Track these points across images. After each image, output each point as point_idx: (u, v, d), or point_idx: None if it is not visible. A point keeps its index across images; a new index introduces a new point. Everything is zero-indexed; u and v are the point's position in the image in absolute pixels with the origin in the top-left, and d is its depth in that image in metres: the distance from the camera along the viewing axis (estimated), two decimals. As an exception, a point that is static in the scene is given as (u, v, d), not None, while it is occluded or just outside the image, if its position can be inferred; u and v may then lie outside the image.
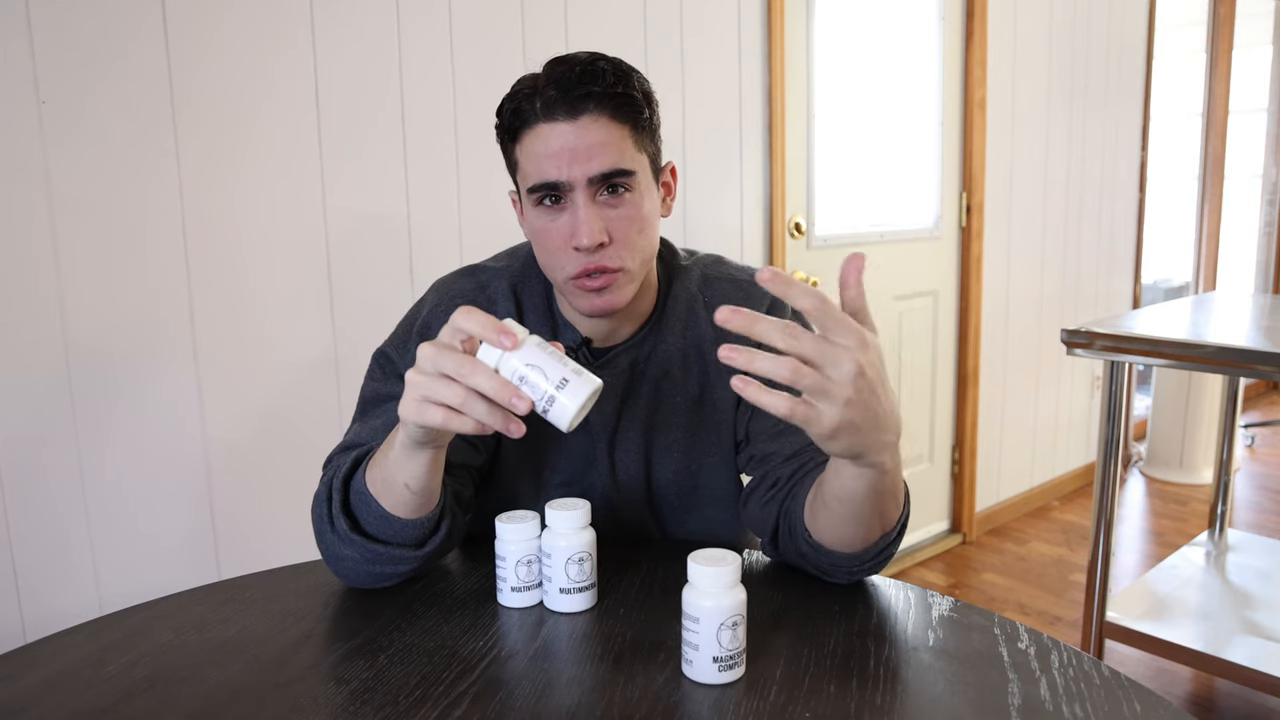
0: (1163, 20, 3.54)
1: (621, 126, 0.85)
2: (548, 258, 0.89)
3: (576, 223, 0.85)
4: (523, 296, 0.97)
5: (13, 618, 1.29)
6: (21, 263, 1.26)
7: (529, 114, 0.85)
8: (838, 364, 0.63)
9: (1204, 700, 2.08)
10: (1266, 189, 4.53)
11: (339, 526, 0.82)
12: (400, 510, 0.79)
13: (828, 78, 2.38)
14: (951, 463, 2.94)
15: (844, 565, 0.84)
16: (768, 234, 2.26)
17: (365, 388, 0.97)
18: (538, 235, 0.89)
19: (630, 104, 0.86)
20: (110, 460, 1.36)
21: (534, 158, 0.85)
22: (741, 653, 0.70)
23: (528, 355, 0.68)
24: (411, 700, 0.68)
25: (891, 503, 0.79)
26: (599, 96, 0.83)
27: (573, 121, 0.83)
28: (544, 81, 0.85)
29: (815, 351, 0.63)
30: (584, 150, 0.84)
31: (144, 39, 1.33)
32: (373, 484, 0.80)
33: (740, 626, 0.69)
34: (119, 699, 0.69)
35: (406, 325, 0.98)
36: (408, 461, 0.75)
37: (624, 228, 0.87)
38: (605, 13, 1.86)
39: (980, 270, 2.84)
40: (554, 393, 0.68)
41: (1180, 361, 1.76)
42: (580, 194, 0.85)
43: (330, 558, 0.85)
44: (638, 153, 0.87)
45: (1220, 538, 2.39)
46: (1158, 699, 0.68)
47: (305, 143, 1.49)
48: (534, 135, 0.85)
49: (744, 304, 0.97)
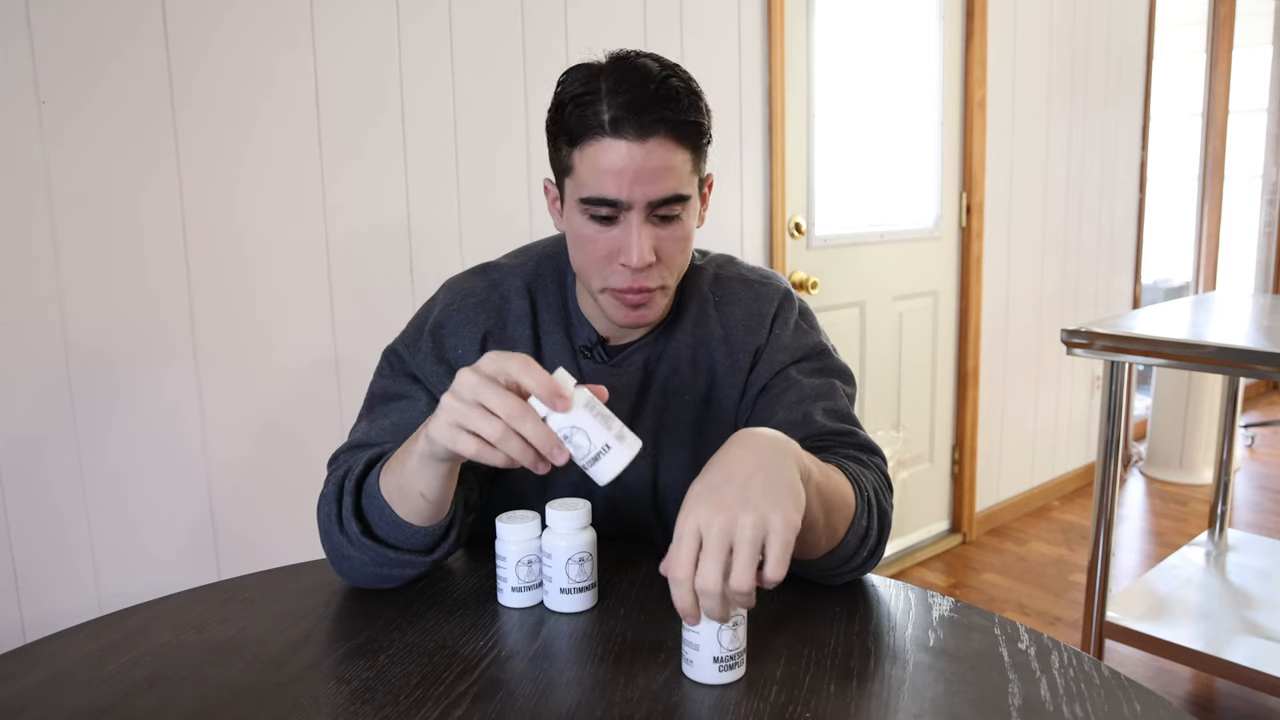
0: (1163, 20, 3.54)
1: (685, 151, 0.84)
2: (588, 264, 0.88)
3: (629, 242, 0.84)
4: (537, 295, 0.97)
5: (13, 618, 1.29)
6: (21, 262, 1.26)
7: (594, 125, 0.82)
8: (717, 531, 0.64)
9: (1204, 700, 2.08)
10: (1266, 189, 4.53)
11: (349, 530, 0.82)
12: (413, 518, 0.80)
13: (828, 78, 2.38)
14: (951, 463, 2.94)
15: (815, 569, 0.84)
16: (768, 234, 2.26)
17: (374, 384, 0.97)
18: (581, 241, 0.88)
19: (698, 131, 0.85)
20: (110, 460, 1.36)
21: (595, 171, 0.83)
22: (742, 653, 0.70)
23: (576, 418, 0.69)
24: (411, 700, 0.68)
25: (835, 504, 0.78)
26: (671, 122, 0.82)
27: (641, 143, 0.81)
28: (614, 89, 0.82)
29: (715, 551, 0.64)
30: (648, 173, 0.82)
31: (144, 39, 1.33)
32: (387, 490, 0.80)
33: (741, 627, 0.69)
34: (119, 699, 0.69)
35: (418, 323, 0.98)
36: (425, 472, 0.76)
37: (671, 248, 0.87)
38: (606, 12, 1.86)
39: (980, 270, 2.84)
40: (598, 453, 0.69)
41: (1180, 361, 1.76)
42: (636, 214, 0.84)
43: (336, 558, 0.85)
44: (693, 175, 0.87)
45: (1220, 538, 2.39)
46: (1158, 699, 0.68)
47: (305, 143, 1.49)
48: (598, 148, 0.82)
49: (753, 303, 0.98)
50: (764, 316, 0.98)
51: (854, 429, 0.94)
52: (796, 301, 1.01)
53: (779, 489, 0.67)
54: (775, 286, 1.00)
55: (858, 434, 0.93)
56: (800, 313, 1.00)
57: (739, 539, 0.64)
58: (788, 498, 0.67)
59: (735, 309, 0.98)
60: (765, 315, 0.98)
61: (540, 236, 1.80)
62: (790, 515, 0.66)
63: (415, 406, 0.92)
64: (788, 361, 0.97)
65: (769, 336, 0.98)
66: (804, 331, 0.99)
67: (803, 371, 0.96)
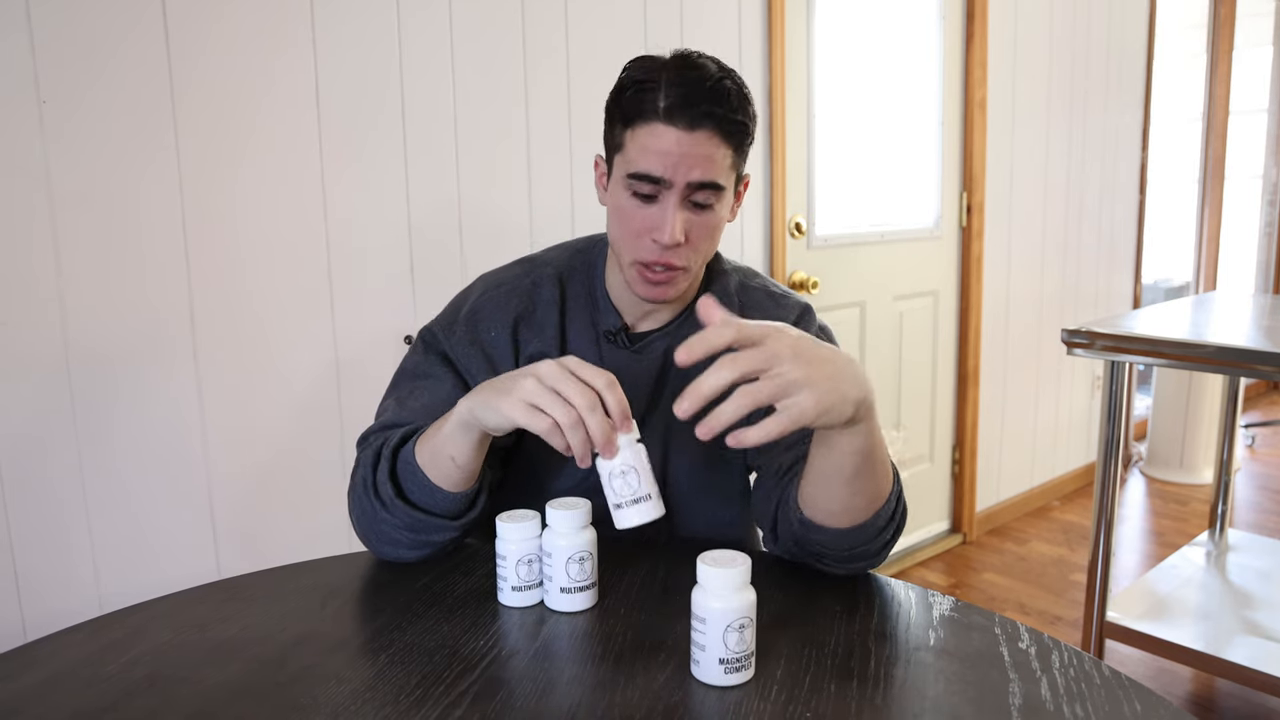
0: (1163, 22, 3.54)
1: (727, 148, 0.91)
2: (623, 235, 0.94)
3: (664, 219, 0.91)
4: (567, 284, 1.02)
5: (13, 617, 1.29)
6: (22, 262, 1.26)
7: (650, 109, 0.89)
8: (774, 357, 0.70)
9: (1204, 700, 2.08)
10: (1267, 189, 4.53)
11: (385, 492, 0.86)
12: (444, 483, 0.85)
13: (828, 78, 2.37)
14: (952, 463, 2.94)
15: (834, 546, 0.85)
16: (768, 234, 2.26)
17: (406, 360, 1.02)
18: (621, 213, 0.94)
19: (742, 131, 0.91)
20: (110, 460, 1.36)
21: (644, 150, 0.90)
22: (749, 656, 0.70)
23: (637, 461, 0.76)
24: (412, 700, 0.68)
25: (881, 471, 0.82)
26: (719, 119, 0.88)
27: (690, 133, 0.88)
28: (672, 81, 0.88)
29: (753, 362, 0.70)
30: (691, 159, 0.89)
31: (144, 36, 1.33)
32: (420, 455, 0.85)
33: (748, 629, 0.69)
34: (119, 699, 0.69)
35: (454, 308, 1.03)
36: (461, 438, 0.82)
37: (700, 233, 0.93)
38: (606, 11, 1.86)
39: (980, 270, 2.84)
40: (639, 497, 0.75)
41: (1180, 361, 1.76)
42: (674, 195, 0.90)
43: (369, 527, 0.90)
44: (731, 171, 0.93)
45: (1220, 538, 2.39)
46: (1158, 699, 0.68)
47: (305, 141, 1.49)
48: (650, 131, 0.89)
49: (776, 316, 1.03)
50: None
51: None
52: (816, 318, 1.06)
53: (834, 389, 0.72)
54: (796, 301, 1.06)
55: None
56: (820, 328, 1.05)
57: (763, 381, 0.69)
58: (831, 398, 0.71)
59: (756, 314, 1.03)
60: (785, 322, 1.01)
61: (540, 235, 1.80)
62: (817, 408, 0.70)
63: (442, 387, 0.97)
64: None
65: None
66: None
67: None
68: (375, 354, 1.59)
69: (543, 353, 0.99)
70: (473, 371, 0.97)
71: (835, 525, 0.84)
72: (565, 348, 1.00)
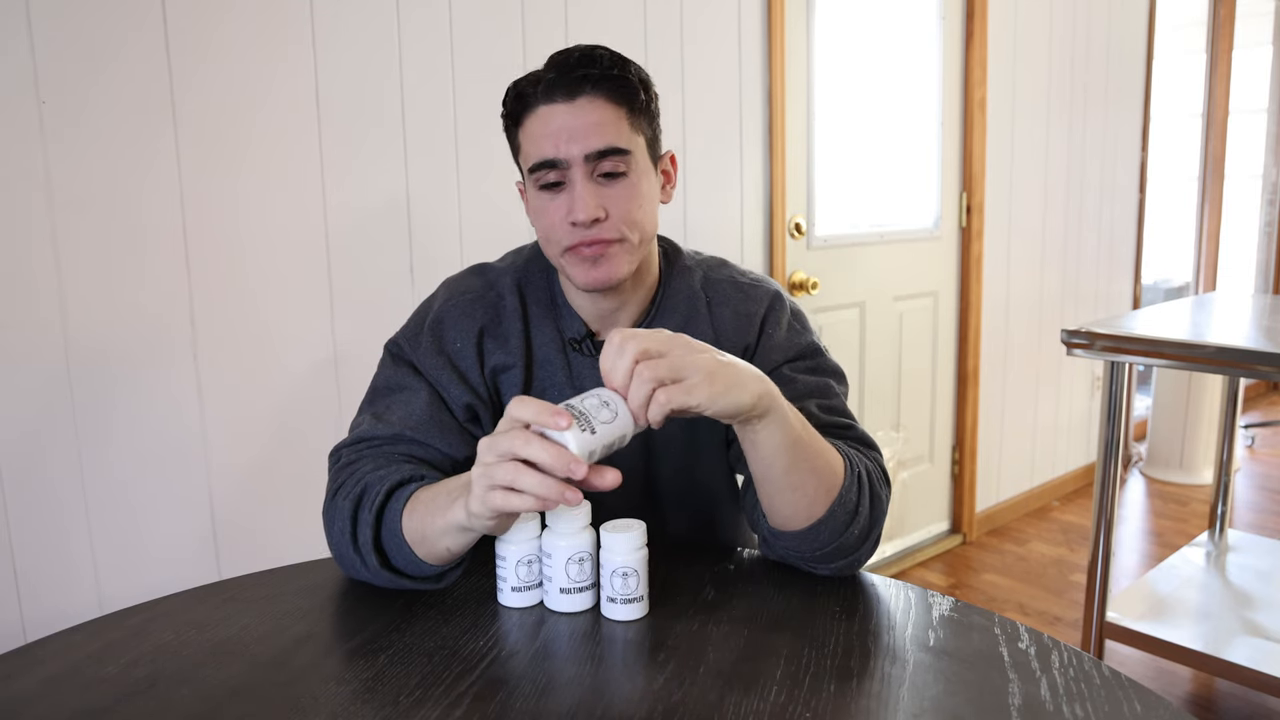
0: (1163, 21, 3.54)
1: (618, 108, 0.89)
2: (546, 234, 0.92)
3: (573, 198, 0.88)
4: (526, 290, 0.99)
5: (13, 618, 1.29)
6: (21, 262, 1.26)
7: (530, 98, 0.89)
8: (670, 340, 0.73)
9: (1204, 700, 2.08)
10: (1266, 189, 4.53)
11: (370, 563, 0.84)
12: (433, 560, 0.82)
13: (828, 78, 2.37)
14: (951, 463, 2.94)
15: (801, 548, 0.85)
16: (768, 234, 2.26)
17: (377, 376, 1.00)
18: (538, 216, 0.92)
19: (625, 86, 0.89)
20: (111, 460, 1.36)
21: (534, 138, 0.89)
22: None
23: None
24: (411, 700, 0.68)
25: (821, 464, 0.82)
26: (595, 79, 0.87)
27: (570, 103, 0.87)
28: (546, 67, 0.89)
29: (647, 343, 0.72)
30: (581, 129, 0.87)
31: (144, 38, 1.33)
32: (410, 533, 0.81)
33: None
34: (119, 699, 0.69)
35: (419, 318, 1.01)
36: (459, 535, 0.78)
37: (621, 204, 0.90)
38: (606, 11, 1.86)
39: (980, 270, 2.84)
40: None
41: (1180, 362, 1.76)
42: (577, 171, 0.88)
43: (345, 567, 0.88)
44: (634, 134, 0.90)
45: (1220, 538, 2.39)
46: (1158, 699, 0.68)
47: (305, 141, 1.49)
48: (534, 117, 0.89)
49: (744, 307, 1.00)
50: (753, 316, 1.00)
51: (851, 423, 0.95)
52: (788, 302, 1.03)
53: (730, 375, 0.73)
54: (765, 289, 1.03)
55: (855, 428, 0.95)
56: (792, 313, 1.02)
57: (657, 361, 0.71)
58: (726, 381, 0.73)
59: (725, 309, 1.00)
60: (755, 315, 1.00)
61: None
62: (712, 388, 0.72)
63: (418, 398, 0.94)
64: (781, 360, 0.98)
65: (760, 336, 0.99)
66: (797, 331, 1.01)
67: (797, 370, 0.97)
68: (375, 354, 1.58)
69: (506, 364, 0.96)
70: (442, 382, 0.95)
71: (793, 528, 0.84)
72: (531, 358, 0.98)
